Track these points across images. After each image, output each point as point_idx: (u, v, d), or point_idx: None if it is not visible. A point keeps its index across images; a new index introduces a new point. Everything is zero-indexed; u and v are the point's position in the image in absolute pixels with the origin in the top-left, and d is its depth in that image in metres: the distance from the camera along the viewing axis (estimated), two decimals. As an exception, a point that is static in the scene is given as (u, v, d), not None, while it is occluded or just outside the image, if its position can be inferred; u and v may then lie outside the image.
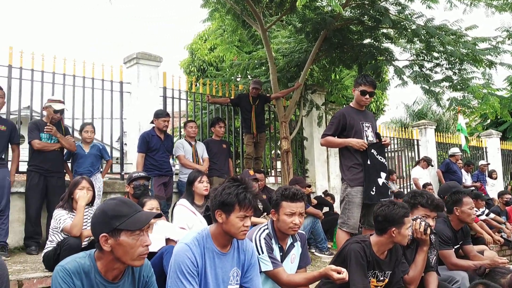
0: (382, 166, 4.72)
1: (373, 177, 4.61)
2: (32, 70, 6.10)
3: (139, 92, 6.85)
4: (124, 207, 2.07)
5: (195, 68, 14.55)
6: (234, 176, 2.79)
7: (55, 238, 4.11)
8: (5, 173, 5.18)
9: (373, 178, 4.61)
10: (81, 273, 2.03)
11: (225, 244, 2.62)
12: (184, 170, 6.45)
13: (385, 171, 4.75)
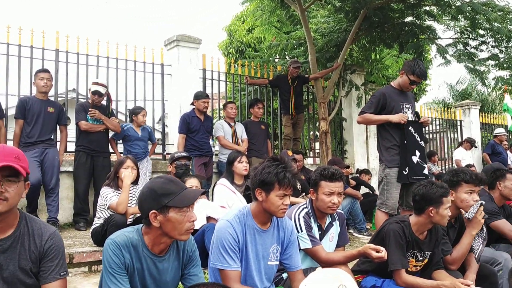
0: (418, 145, 4.66)
1: (408, 157, 4.56)
2: (78, 53, 6.32)
3: (179, 74, 6.97)
4: (172, 185, 2.16)
5: (233, 50, 14.57)
6: (274, 155, 2.84)
7: (102, 215, 4.31)
8: (55, 153, 5.43)
9: (408, 157, 4.56)
10: (130, 246, 2.14)
11: (265, 221, 2.68)
12: (224, 151, 6.56)
13: (420, 150, 4.68)
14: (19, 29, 5.86)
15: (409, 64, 4.68)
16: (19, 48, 5.89)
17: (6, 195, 1.87)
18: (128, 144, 5.94)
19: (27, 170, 1.95)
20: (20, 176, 1.91)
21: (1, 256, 1.94)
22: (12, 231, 1.98)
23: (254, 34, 13.46)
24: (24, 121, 5.34)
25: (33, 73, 5.62)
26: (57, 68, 6.18)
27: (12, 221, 1.98)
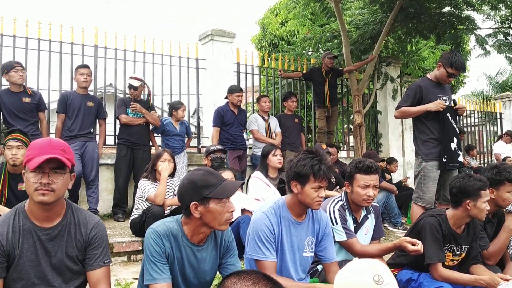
0: (455, 132, 4.58)
1: (448, 144, 4.49)
2: (115, 49, 6.48)
3: (213, 68, 7.06)
4: (212, 177, 2.21)
5: (267, 43, 14.57)
6: (308, 148, 2.86)
7: (140, 206, 4.43)
8: (94, 146, 5.61)
9: (448, 144, 4.49)
10: (170, 236, 2.21)
11: (300, 213, 2.71)
12: (258, 144, 6.61)
13: (457, 137, 4.60)
14: (60, 26, 6.07)
15: (446, 56, 4.57)
16: (60, 44, 6.10)
17: (53, 186, 1.96)
18: (167, 138, 6.05)
19: (72, 162, 2.04)
20: (66, 168, 2.00)
21: (50, 244, 2.04)
22: (59, 220, 2.08)
23: (287, 27, 13.43)
24: (65, 115, 5.54)
25: (74, 69, 5.81)
26: (96, 63, 6.36)
27: (59, 211, 2.08)
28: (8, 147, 3.88)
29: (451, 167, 4.45)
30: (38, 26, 5.93)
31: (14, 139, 3.89)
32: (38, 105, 5.34)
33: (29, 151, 1.98)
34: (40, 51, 5.98)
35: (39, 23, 5.94)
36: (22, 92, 5.22)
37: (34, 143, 2.02)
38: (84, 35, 6.23)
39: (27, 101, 5.21)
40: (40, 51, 5.98)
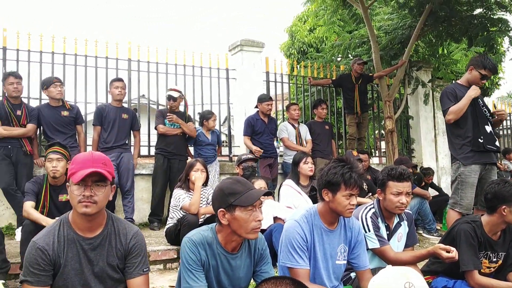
0: (488, 119, 4.56)
1: (482, 126, 4.44)
2: (148, 62, 6.67)
3: (243, 77, 7.15)
4: (238, 186, 2.29)
5: (295, 51, 14.61)
6: (339, 156, 2.88)
7: (175, 215, 4.53)
8: (129, 157, 5.77)
9: (482, 127, 4.44)
10: (205, 244, 2.29)
11: (332, 221, 2.74)
12: (288, 152, 6.65)
13: (491, 124, 4.56)
14: (95, 42, 6.29)
15: (477, 59, 4.54)
16: (96, 59, 6.32)
17: (96, 198, 2.06)
18: (199, 148, 6.17)
19: (113, 175, 2.14)
20: (107, 181, 2.10)
21: (92, 253, 2.14)
22: (100, 230, 2.18)
23: (316, 34, 13.46)
24: (101, 128, 5.73)
25: (108, 82, 6.01)
26: (130, 76, 6.55)
27: (101, 221, 2.19)
28: (49, 159, 4.04)
29: (489, 148, 4.40)
30: (75, 42, 6.18)
31: (54, 152, 4.06)
32: (76, 119, 5.55)
33: (73, 165, 2.09)
34: (77, 66, 6.21)
35: (75, 39, 6.18)
36: (61, 107, 5.44)
37: (77, 157, 2.13)
38: (118, 49, 6.44)
39: (66, 115, 5.43)
40: (77, 66, 6.21)
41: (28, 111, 5.29)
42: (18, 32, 5.86)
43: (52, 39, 6.02)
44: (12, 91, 5.17)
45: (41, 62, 6.00)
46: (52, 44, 6.02)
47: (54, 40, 6.03)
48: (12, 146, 5.10)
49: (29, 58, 5.93)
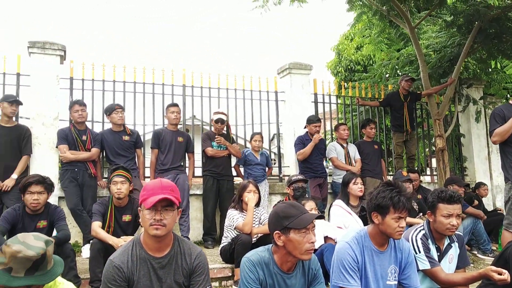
0: None
1: None
2: (201, 87, 7.01)
3: (292, 99, 7.34)
4: (292, 209, 2.47)
5: (342, 69, 14.70)
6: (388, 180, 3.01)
7: (229, 234, 4.73)
8: (185, 178, 6.06)
9: None
10: (262, 264, 2.47)
11: (382, 243, 2.84)
12: (338, 172, 6.74)
13: None
14: (152, 70, 6.70)
15: None
16: (153, 86, 6.72)
17: (165, 222, 2.30)
18: (249, 167, 6.39)
19: (179, 200, 2.37)
20: (174, 206, 2.34)
21: (161, 271, 2.37)
22: (168, 250, 2.41)
23: (362, 52, 13.51)
24: (159, 150, 6.06)
25: (165, 107, 6.37)
26: (184, 101, 6.90)
27: (169, 242, 2.41)
28: (113, 182, 4.38)
29: None
30: (134, 70, 6.60)
31: (119, 175, 4.40)
32: (136, 143, 5.92)
33: (144, 192, 2.34)
34: (135, 93, 6.62)
35: (134, 68, 6.61)
36: (122, 131, 5.82)
37: (148, 185, 2.38)
38: (174, 76, 6.81)
39: (126, 139, 5.80)
40: (136, 93, 6.62)
41: (92, 136, 5.71)
42: (84, 63, 6.35)
43: (114, 69, 6.48)
44: (78, 118, 5.60)
45: (103, 90, 6.45)
46: (113, 73, 6.47)
47: (115, 69, 6.48)
48: (78, 169, 5.50)
49: (92, 87, 6.39)
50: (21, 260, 1.92)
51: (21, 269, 1.92)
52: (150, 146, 6.12)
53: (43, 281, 1.98)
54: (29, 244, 1.97)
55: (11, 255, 1.92)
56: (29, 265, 1.93)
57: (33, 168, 5.58)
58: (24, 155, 5.38)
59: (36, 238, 2.03)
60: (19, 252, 1.92)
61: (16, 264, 1.92)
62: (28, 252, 1.93)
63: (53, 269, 2.05)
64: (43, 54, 5.97)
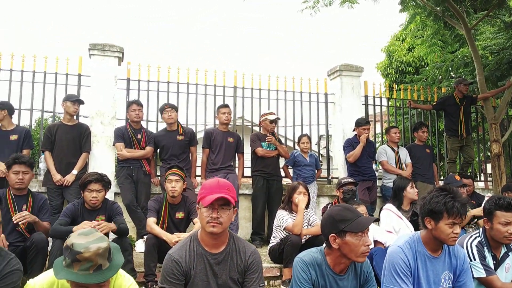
0: None
1: None
2: (252, 88, 7.11)
3: (342, 101, 7.31)
4: (348, 213, 2.50)
5: (393, 70, 14.44)
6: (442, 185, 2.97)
7: (278, 235, 4.79)
8: (235, 178, 6.16)
9: None
10: (315, 265, 2.51)
11: (436, 248, 2.81)
12: (388, 175, 6.66)
13: None
14: (205, 71, 6.87)
15: None
16: (205, 87, 6.89)
17: (221, 220, 2.38)
18: (298, 168, 6.43)
19: (235, 199, 2.45)
20: (231, 204, 2.42)
21: (217, 267, 2.46)
22: (224, 247, 2.50)
23: (414, 53, 13.22)
24: (210, 150, 6.20)
25: (216, 108, 6.51)
26: (235, 102, 7.03)
27: (224, 239, 2.50)
28: (168, 180, 4.54)
29: None
30: (187, 72, 6.79)
31: (173, 174, 4.56)
32: (190, 141, 6.08)
33: (202, 190, 2.44)
34: (188, 94, 6.81)
35: (188, 69, 6.80)
36: (176, 131, 6.00)
37: (205, 184, 2.47)
38: (225, 77, 6.95)
39: (180, 139, 5.97)
40: (188, 94, 6.81)
41: (147, 134, 5.92)
42: (140, 64, 6.60)
43: (168, 70, 6.69)
44: (134, 117, 5.83)
45: (158, 91, 6.68)
46: (168, 74, 6.69)
47: (170, 70, 6.70)
48: (133, 167, 5.72)
49: (148, 87, 6.63)
50: (103, 253, 2.04)
51: (105, 260, 2.05)
52: (202, 146, 6.26)
53: (120, 261, 2.13)
54: (96, 240, 2.07)
55: (95, 254, 2.02)
56: (107, 253, 2.06)
57: (92, 165, 5.87)
58: (84, 152, 5.65)
59: (94, 237, 2.11)
60: (99, 249, 2.03)
61: (102, 259, 2.04)
62: (102, 244, 2.05)
63: (117, 258, 2.17)
64: (103, 56, 6.24)
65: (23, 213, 3.96)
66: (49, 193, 5.41)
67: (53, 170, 5.41)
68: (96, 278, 2.01)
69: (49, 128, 5.64)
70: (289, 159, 6.49)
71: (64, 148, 5.53)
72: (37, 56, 6.24)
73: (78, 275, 1.99)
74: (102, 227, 3.91)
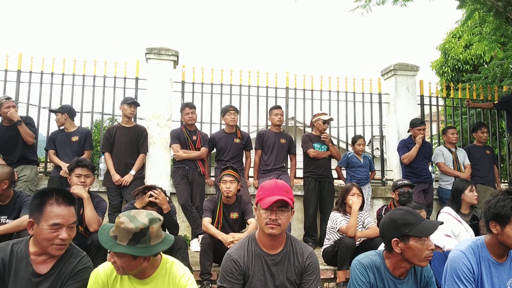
0: None
1: None
2: (304, 89, 7.10)
3: (396, 102, 7.14)
4: (411, 217, 2.44)
5: (449, 69, 13.93)
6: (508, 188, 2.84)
7: (331, 237, 4.76)
8: (287, 178, 6.18)
9: None
10: (373, 268, 2.48)
11: (501, 254, 2.70)
12: (445, 177, 6.47)
13: None
14: (257, 73, 6.93)
15: None
16: (257, 89, 6.94)
17: (279, 221, 2.41)
18: (352, 170, 6.35)
19: (293, 201, 2.46)
20: (289, 206, 2.43)
21: (274, 268, 2.48)
22: (281, 248, 2.52)
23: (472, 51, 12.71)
24: (262, 151, 6.25)
25: (268, 109, 6.54)
26: (287, 103, 7.04)
27: (282, 241, 2.52)
28: (223, 181, 4.62)
29: None
30: (240, 74, 6.87)
31: (228, 174, 4.63)
32: (246, 145, 6.16)
33: (260, 192, 2.47)
34: (241, 95, 6.89)
35: (240, 71, 6.88)
36: (234, 134, 6.09)
37: (264, 185, 2.50)
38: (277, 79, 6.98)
39: (237, 142, 6.06)
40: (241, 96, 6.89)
41: (201, 136, 6.05)
42: (194, 67, 6.75)
43: (221, 72, 6.79)
44: (188, 120, 5.96)
45: (212, 93, 6.80)
46: (221, 76, 6.80)
47: (223, 73, 6.81)
48: (189, 167, 5.86)
49: (202, 90, 6.77)
50: (122, 230, 2.17)
51: (124, 238, 2.16)
52: (254, 147, 6.32)
53: (141, 253, 2.16)
54: (135, 218, 2.21)
55: (116, 225, 2.19)
56: (130, 237, 2.16)
57: (148, 165, 6.06)
58: (141, 153, 5.84)
59: (147, 215, 2.25)
60: (122, 223, 2.18)
61: (119, 233, 2.17)
62: (129, 225, 2.17)
63: (156, 246, 2.23)
64: (159, 59, 6.43)
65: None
66: (109, 192, 5.64)
67: (113, 171, 5.63)
68: (105, 242, 2.16)
69: (108, 130, 5.88)
70: (342, 160, 6.42)
71: (122, 149, 5.74)
72: (97, 61, 6.53)
73: (103, 231, 2.18)
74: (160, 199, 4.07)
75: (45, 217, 2.28)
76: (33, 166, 5.64)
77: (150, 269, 2.29)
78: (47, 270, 2.33)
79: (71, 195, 2.42)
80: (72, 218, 2.33)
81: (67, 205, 2.33)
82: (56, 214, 2.28)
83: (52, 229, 2.26)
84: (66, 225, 2.29)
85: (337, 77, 7.20)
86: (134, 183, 5.59)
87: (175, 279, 2.33)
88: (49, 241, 2.27)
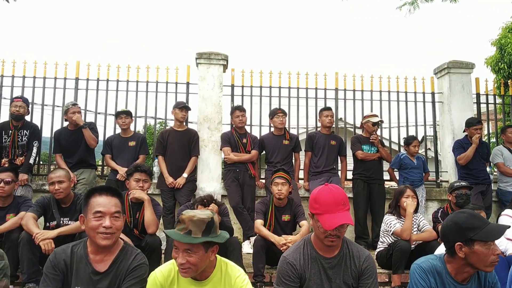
0: None
1: None
2: (354, 90, 7.01)
3: (451, 101, 6.91)
4: (475, 220, 2.35)
5: (505, 65, 13.33)
6: None
7: (385, 240, 4.67)
8: (338, 181, 6.11)
9: None
10: (434, 272, 2.41)
11: None
12: (505, 179, 6.21)
13: None
14: (306, 75, 6.91)
15: None
16: (306, 90, 6.91)
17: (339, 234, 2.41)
18: (405, 171, 6.19)
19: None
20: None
21: (330, 271, 2.47)
22: (337, 251, 2.50)
23: (530, 46, 12.13)
24: (312, 153, 6.22)
25: (318, 111, 6.50)
26: (337, 105, 6.97)
27: (338, 244, 2.50)
28: (275, 183, 4.64)
29: None
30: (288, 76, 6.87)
31: (280, 177, 4.64)
32: (295, 147, 6.16)
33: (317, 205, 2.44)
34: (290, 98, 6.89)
35: (289, 73, 6.88)
36: (282, 136, 6.10)
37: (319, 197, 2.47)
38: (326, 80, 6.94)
39: (286, 144, 6.06)
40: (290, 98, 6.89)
41: (251, 139, 6.10)
42: (243, 70, 6.81)
43: (270, 75, 6.82)
44: (238, 123, 6.03)
45: (260, 96, 6.84)
46: (269, 79, 6.83)
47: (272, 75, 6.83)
48: (239, 170, 5.92)
49: (251, 93, 6.82)
50: (197, 222, 2.25)
51: (198, 231, 2.24)
52: (304, 149, 6.29)
53: (218, 239, 2.29)
54: (199, 212, 2.33)
55: (189, 219, 2.26)
56: (204, 227, 2.25)
57: (200, 168, 6.17)
58: (193, 156, 5.95)
59: (202, 211, 2.39)
60: (194, 216, 2.26)
61: (194, 227, 2.24)
62: (201, 216, 2.28)
63: (222, 234, 2.35)
64: (209, 64, 6.54)
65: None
66: (162, 195, 5.79)
67: (166, 174, 5.77)
68: (183, 238, 2.21)
69: (161, 134, 6.04)
70: (395, 162, 6.28)
71: (175, 153, 5.88)
72: (150, 67, 6.72)
73: (172, 232, 2.27)
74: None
75: (90, 208, 2.43)
76: (91, 169, 5.89)
77: (208, 269, 2.34)
78: (106, 268, 2.44)
79: (115, 188, 2.55)
80: (113, 207, 2.44)
81: (109, 195, 2.46)
82: (98, 203, 2.43)
83: (95, 217, 2.39)
84: (108, 213, 2.41)
85: (388, 76, 7.05)
86: (186, 185, 5.73)
87: (230, 279, 2.37)
88: (94, 230, 2.39)
